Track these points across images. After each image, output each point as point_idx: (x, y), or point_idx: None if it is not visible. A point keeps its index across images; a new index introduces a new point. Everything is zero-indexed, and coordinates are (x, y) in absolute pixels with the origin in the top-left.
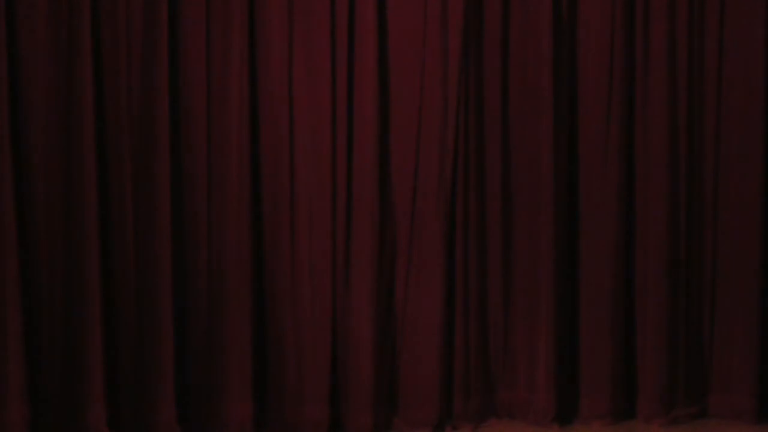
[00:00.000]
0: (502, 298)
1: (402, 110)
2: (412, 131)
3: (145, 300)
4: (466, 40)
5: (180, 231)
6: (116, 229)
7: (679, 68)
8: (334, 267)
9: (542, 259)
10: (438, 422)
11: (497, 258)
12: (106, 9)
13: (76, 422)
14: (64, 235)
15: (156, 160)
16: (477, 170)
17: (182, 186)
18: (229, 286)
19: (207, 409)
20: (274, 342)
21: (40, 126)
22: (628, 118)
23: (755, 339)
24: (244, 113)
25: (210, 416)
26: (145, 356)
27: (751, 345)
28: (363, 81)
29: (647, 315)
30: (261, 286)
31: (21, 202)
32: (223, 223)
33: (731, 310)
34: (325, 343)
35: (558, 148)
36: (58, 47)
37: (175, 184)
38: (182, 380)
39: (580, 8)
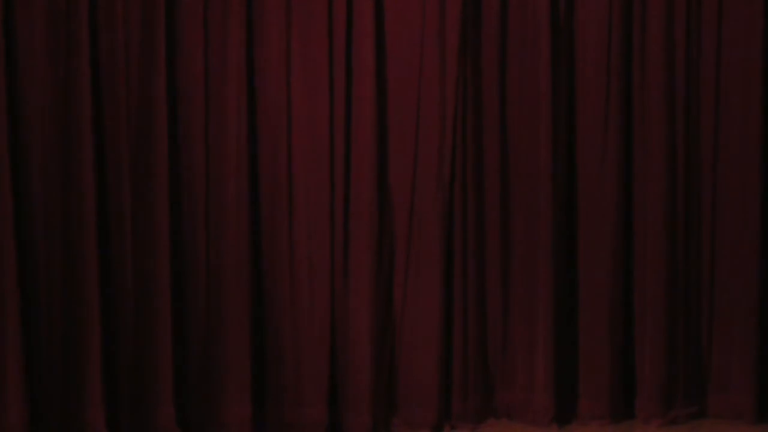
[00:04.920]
0: (501, 298)
1: (400, 109)
2: (410, 130)
3: (144, 301)
4: (464, 38)
5: (178, 232)
6: (114, 230)
7: (677, 68)
8: (332, 268)
9: (540, 260)
10: (437, 423)
11: (496, 258)
12: (104, 8)
13: (75, 424)
14: (62, 237)
15: (154, 161)
16: (475, 169)
17: (180, 187)
18: (227, 287)
19: (205, 411)
20: (272, 343)
21: (39, 126)
22: (626, 117)
23: (754, 339)
24: (242, 112)
25: (208, 418)
26: (144, 358)
27: (750, 345)
28: (361, 80)
29: (646, 315)
30: (259, 288)
31: (19, 204)
32: (222, 224)
33: (730, 310)
34: (323, 344)
35: (556, 146)
36: (56, 47)
37: (173, 185)
38: (181, 382)
39: (578, 6)
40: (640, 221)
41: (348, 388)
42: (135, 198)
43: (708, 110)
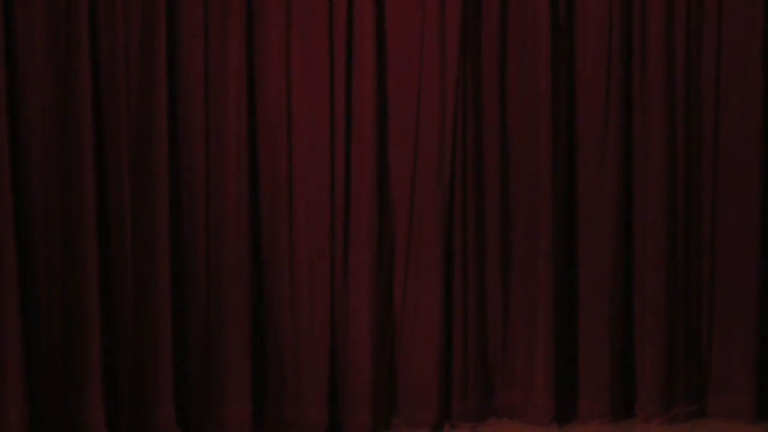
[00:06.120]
0: (501, 298)
1: (400, 108)
2: (411, 130)
3: (144, 301)
4: (464, 37)
5: (178, 232)
6: (114, 230)
7: (677, 68)
8: (332, 268)
9: (540, 260)
10: (437, 422)
11: (496, 258)
12: (104, 8)
13: (75, 424)
14: (62, 236)
15: (154, 161)
16: (475, 169)
17: (180, 187)
18: (227, 287)
19: (205, 411)
20: (272, 343)
21: (39, 126)
22: (626, 117)
23: (754, 338)
24: (242, 112)
25: (208, 418)
26: (144, 358)
27: (750, 344)
28: (361, 80)
29: (646, 315)
30: (259, 287)
31: (19, 204)
32: (222, 224)
33: (730, 310)
34: (323, 344)
35: (556, 146)
36: (56, 47)
37: (173, 185)
38: (181, 382)
39: (578, 6)
40: (640, 221)
41: (348, 388)
42: (135, 198)
43: (708, 110)
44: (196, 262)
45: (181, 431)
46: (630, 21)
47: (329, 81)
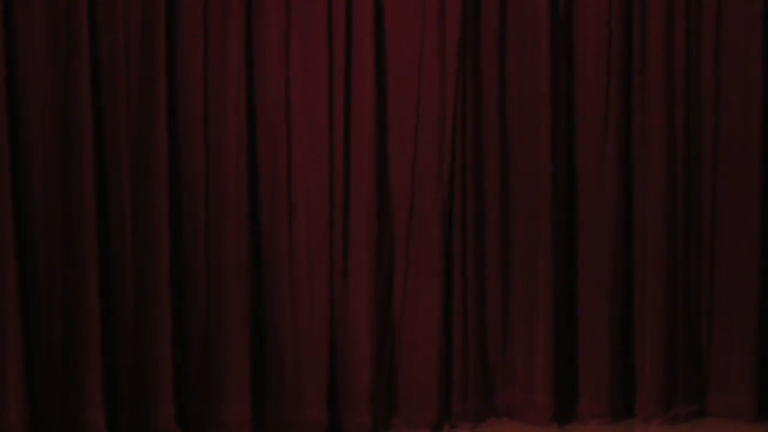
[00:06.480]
0: (501, 298)
1: (400, 109)
2: (410, 130)
3: (144, 301)
4: (464, 37)
5: (178, 232)
6: (114, 230)
7: (677, 68)
8: (332, 269)
9: (540, 260)
10: (437, 422)
11: (496, 258)
12: (104, 8)
13: (75, 424)
14: (62, 237)
15: (154, 161)
16: (475, 169)
17: (180, 187)
18: (227, 287)
19: (205, 411)
20: (272, 343)
21: (39, 126)
22: (626, 117)
23: (754, 338)
24: (242, 113)
25: (208, 418)
26: (144, 358)
27: (750, 344)
28: (361, 80)
29: (646, 315)
30: (259, 288)
31: (19, 204)
32: (222, 224)
33: (730, 310)
34: (323, 344)
35: (556, 146)
36: (56, 47)
37: (173, 185)
38: (181, 382)
39: (577, 6)
40: (640, 221)
41: (348, 388)
42: (135, 198)
43: (708, 110)
44: (196, 262)
45: (181, 431)
46: (630, 21)
47: (329, 81)
